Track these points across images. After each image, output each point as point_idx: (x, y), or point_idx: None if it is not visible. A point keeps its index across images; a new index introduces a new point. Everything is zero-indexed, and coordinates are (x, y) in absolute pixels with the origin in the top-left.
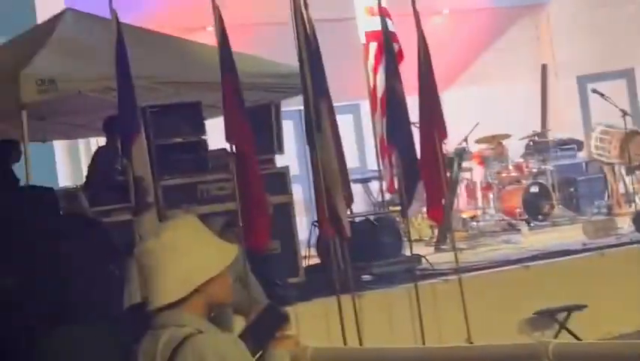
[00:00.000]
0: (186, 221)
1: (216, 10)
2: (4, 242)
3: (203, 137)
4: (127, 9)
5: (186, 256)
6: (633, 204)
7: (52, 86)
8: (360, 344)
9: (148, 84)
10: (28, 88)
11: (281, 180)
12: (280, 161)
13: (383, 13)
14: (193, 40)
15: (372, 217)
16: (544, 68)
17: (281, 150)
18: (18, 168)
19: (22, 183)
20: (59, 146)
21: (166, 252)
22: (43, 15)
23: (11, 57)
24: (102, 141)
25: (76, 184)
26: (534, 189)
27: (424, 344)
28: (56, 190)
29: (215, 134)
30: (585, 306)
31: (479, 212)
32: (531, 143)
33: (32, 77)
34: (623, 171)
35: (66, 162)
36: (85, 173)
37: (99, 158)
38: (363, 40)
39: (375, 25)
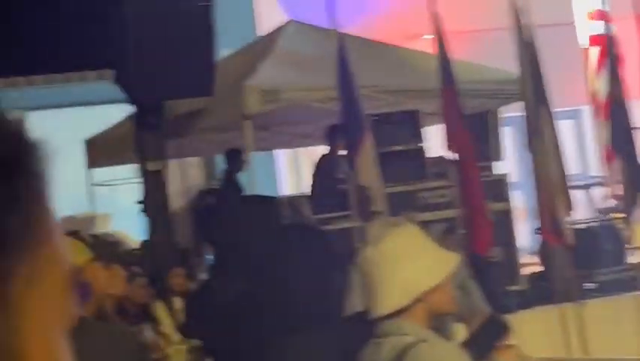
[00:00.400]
0: (407, 229)
1: (435, 17)
2: (231, 252)
3: (421, 144)
4: (347, 18)
5: (408, 265)
6: None
7: (276, 96)
8: (585, 355)
9: (368, 93)
10: (252, 99)
11: (499, 187)
12: (500, 167)
13: (604, 18)
14: (410, 47)
15: (594, 224)
16: None
17: (499, 156)
18: (242, 177)
19: (246, 191)
20: (281, 155)
21: (387, 261)
22: (262, 27)
23: (235, 69)
24: (319, 149)
25: (300, 192)
26: None
27: None
28: (279, 198)
29: (434, 141)
30: None
31: None
32: None
33: (256, 88)
34: None
35: (288, 171)
36: (306, 182)
37: (322, 166)
38: (583, 44)
39: (597, 29)
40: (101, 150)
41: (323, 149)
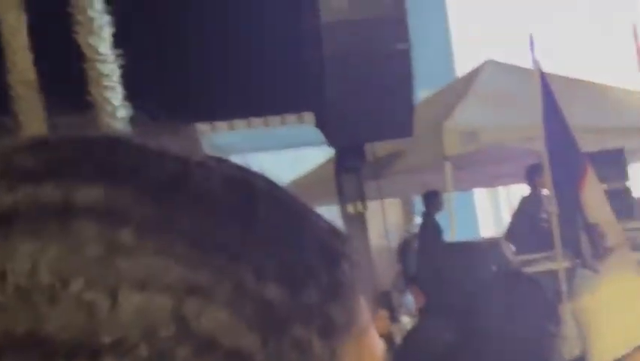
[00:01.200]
0: (623, 276)
1: None
2: (439, 300)
3: (627, 183)
4: (544, 56)
5: (626, 313)
6: None
7: (475, 137)
8: None
9: None
10: (451, 140)
11: None
12: None
13: None
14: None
15: None
16: None
17: None
18: (441, 218)
19: (445, 232)
20: (480, 194)
21: (603, 308)
22: (461, 67)
23: (433, 110)
24: (518, 189)
25: (500, 233)
26: None
27: None
28: (482, 243)
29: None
30: None
31: None
32: None
33: (454, 129)
34: None
35: (487, 211)
36: (507, 221)
37: (524, 206)
38: None
39: None
40: (302, 193)
41: (523, 188)
